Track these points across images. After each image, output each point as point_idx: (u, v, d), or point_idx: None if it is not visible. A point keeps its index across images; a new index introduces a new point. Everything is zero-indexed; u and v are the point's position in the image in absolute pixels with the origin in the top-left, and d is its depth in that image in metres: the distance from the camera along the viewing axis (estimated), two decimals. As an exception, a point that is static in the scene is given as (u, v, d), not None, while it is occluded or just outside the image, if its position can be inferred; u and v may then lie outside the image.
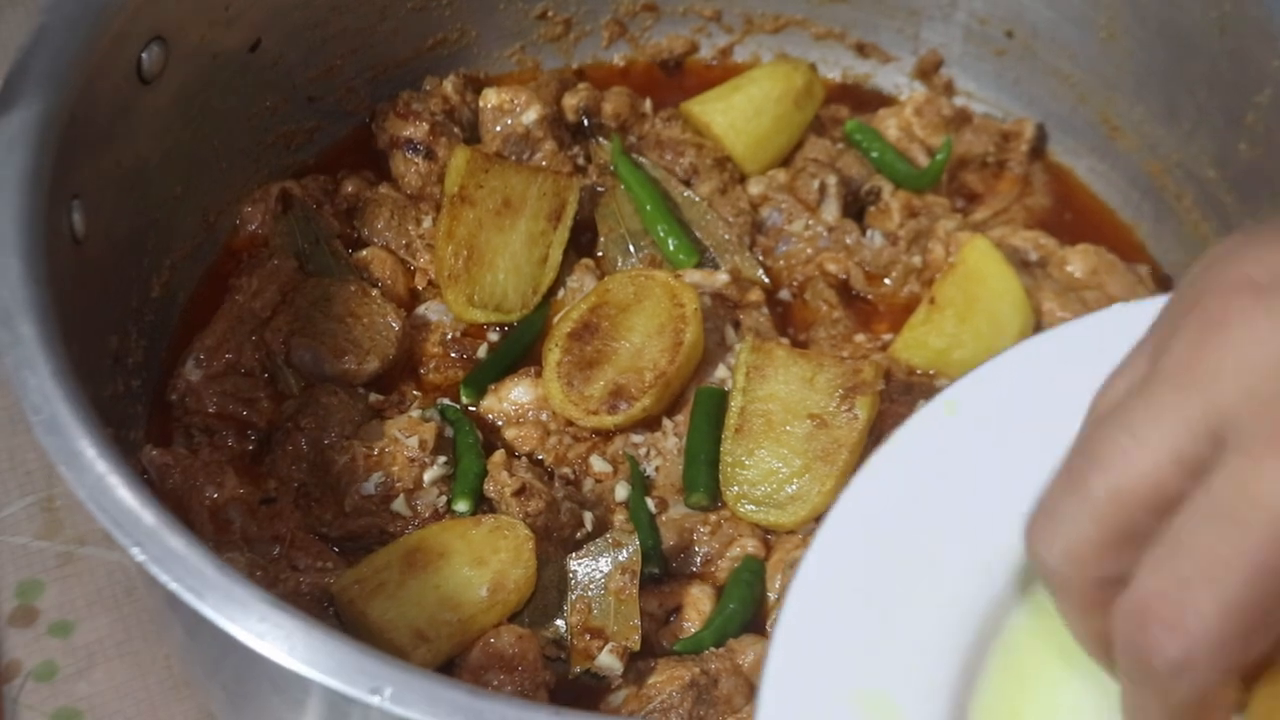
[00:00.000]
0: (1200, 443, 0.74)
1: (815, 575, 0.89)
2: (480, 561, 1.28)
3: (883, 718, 0.84)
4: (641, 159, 1.61)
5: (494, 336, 1.51)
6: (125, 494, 1.05)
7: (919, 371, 1.47)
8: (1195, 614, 0.72)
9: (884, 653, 0.86)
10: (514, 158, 1.59)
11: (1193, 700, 0.74)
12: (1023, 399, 0.93)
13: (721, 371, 1.45)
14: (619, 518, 1.38)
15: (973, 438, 0.93)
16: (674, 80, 1.76)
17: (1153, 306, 0.94)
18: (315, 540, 1.35)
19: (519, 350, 1.49)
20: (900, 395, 1.43)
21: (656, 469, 1.41)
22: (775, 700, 0.85)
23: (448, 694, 0.97)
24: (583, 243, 1.57)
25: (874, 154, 1.63)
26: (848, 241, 1.57)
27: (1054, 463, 0.85)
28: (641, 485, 1.39)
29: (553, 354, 1.42)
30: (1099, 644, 0.82)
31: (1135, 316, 0.95)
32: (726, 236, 1.56)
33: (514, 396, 1.44)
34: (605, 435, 1.42)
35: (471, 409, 1.45)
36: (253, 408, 1.42)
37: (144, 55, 1.36)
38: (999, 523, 0.87)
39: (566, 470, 1.42)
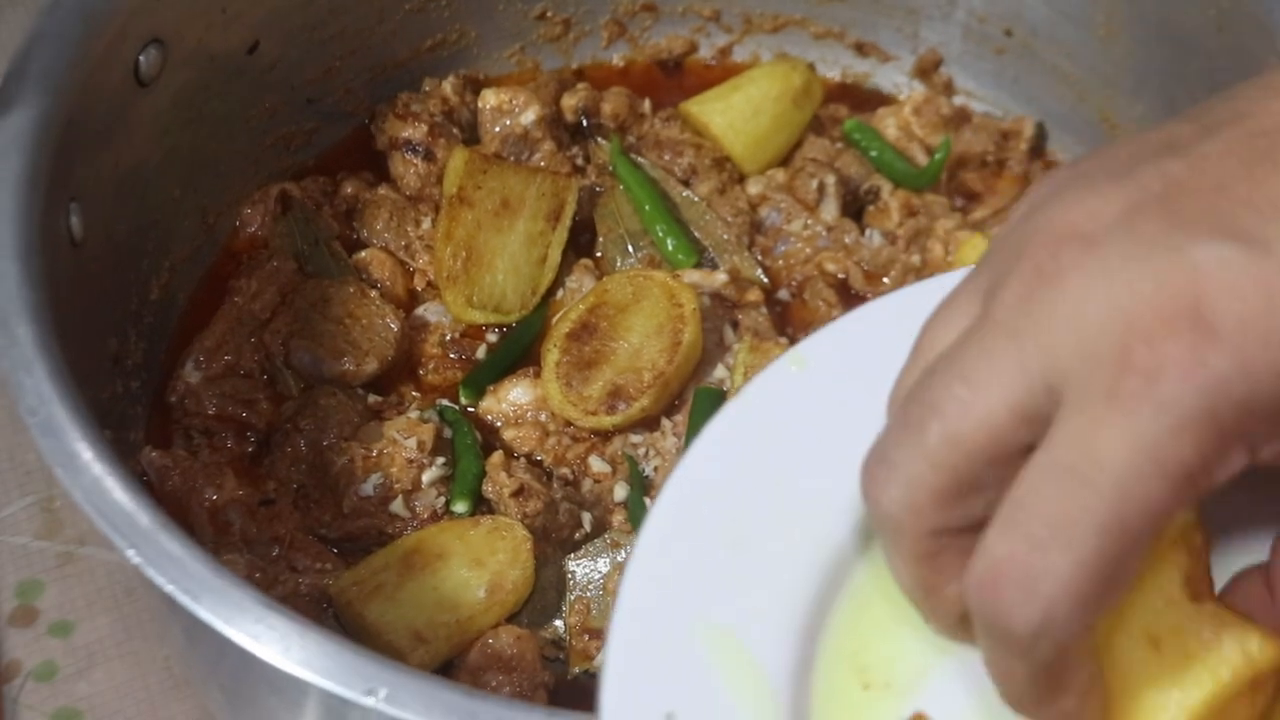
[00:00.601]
0: (1037, 396, 0.74)
1: (667, 514, 0.90)
2: (478, 563, 1.28)
3: (727, 653, 0.85)
4: (640, 159, 1.61)
5: (493, 337, 1.51)
6: (121, 496, 1.05)
7: (918, 370, 1.46)
8: (1050, 576, 0.72)
9: (732, 592, 0.87)
10: (513, 158, 1.59)
11: (1055, 657, 0.74)
12: (870, 355, 0.93)
13: (720, 372, 1.45)
14: (618, 518, 1.38)
15: (820, 392, 0.94)
16: (673, 80, 1.76)
17: None
18: (314, 541, 1.35)
19: (518, 351, 1.49)
20: (899, 394, 1.42)
21: (655, 469, 1.41)
22: (622, 631, 0.86)
23: (443, 695, 0.97)
24: (582, 243, 1.57)
25: (873, 153, 1.63)
26: (846, 241, 1.57)
27: None
28: (640, 486, 1.39)
29: (551, 354, 1.42)
30: (927, 596, 0.82)
31: None
32: (725, 236, 1.56)
33: (513, 397, 1.45)
34: (604, 436, 1.42)
35: (470, 410, 1.45)
36: (252, 409, 1.42)
37: (141, 58, 1.36)
38: (845, 475, 0.87)
39: (565, 471, 1.42)
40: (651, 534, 0.90)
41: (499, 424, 1.44)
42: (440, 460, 1.37)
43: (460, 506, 1.35)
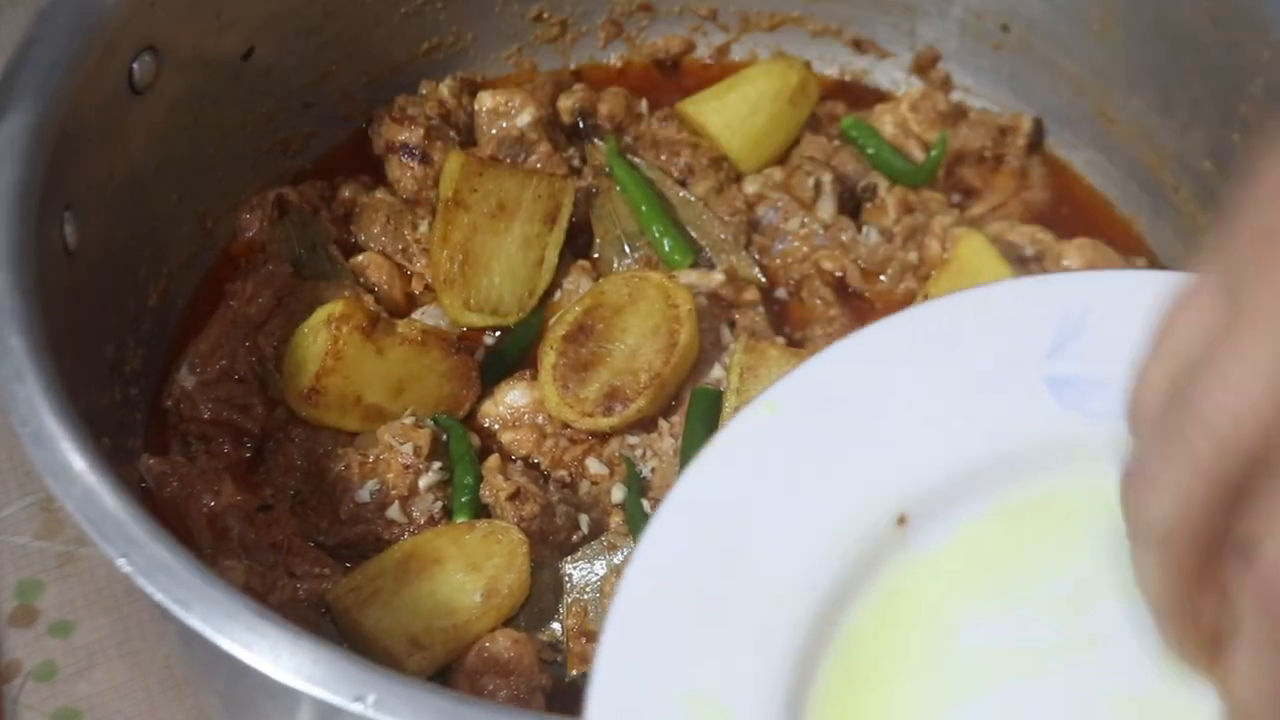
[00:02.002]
0: None
1: (641, 576, 0.90)
2: (474, 567, 1.28)
3: (711, 718, 0.84)
4: (637, 159, 1.61)
5: (490, 340, 1.51)
6: (113, 505, 1.05)
7: (915, 369, 1.47)
8: None
9: (712, 653, 0.87)
10: (509, 160, 1.59)
11: None
12: (841, 396, 0.93)
13: (717, 372, 1.45)
14: (615, 520, 1.38)
15: (794, 437, 0.93)
16: (671, 80, 1.76)
17: (964, 301, 0.94)
18: (312, 547, 1.35)
19: (516, 353, 1.49)
20: (896, 393, 1.42)
21: (653, 470, 1.41)
22: (602, 701, 0.85)
23: (431, 700, 0.97)
24: (579, 244, 1.57)
25: (870, 150, 1.62)
26: (844, 239, 1.57)
27: (874, 459, 0.85)
28: (638, 487, 1.39)
29: (548, 357, 1.43)
30: (1184, 618, 0.79)
31: (948, 311, 0.96)
32: (722, 236, 1.56)
33: (510, 400, 1.45)
34: (601, 437, 1.43)
35: (468, 414, 1.45)
36: (247, 414, 1.42)
37: (135, 65, 1.36)
38: (823, 522, 0.87)
39: (562, 473, 1.42)
40: (628, 597, 0.88)
41: (496, 427, 1.44)
42: (436, 465, 1.37)
43: (463, 519, 1.35)
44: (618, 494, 1.39)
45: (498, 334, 1.51)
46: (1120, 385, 0.85)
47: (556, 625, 1.31)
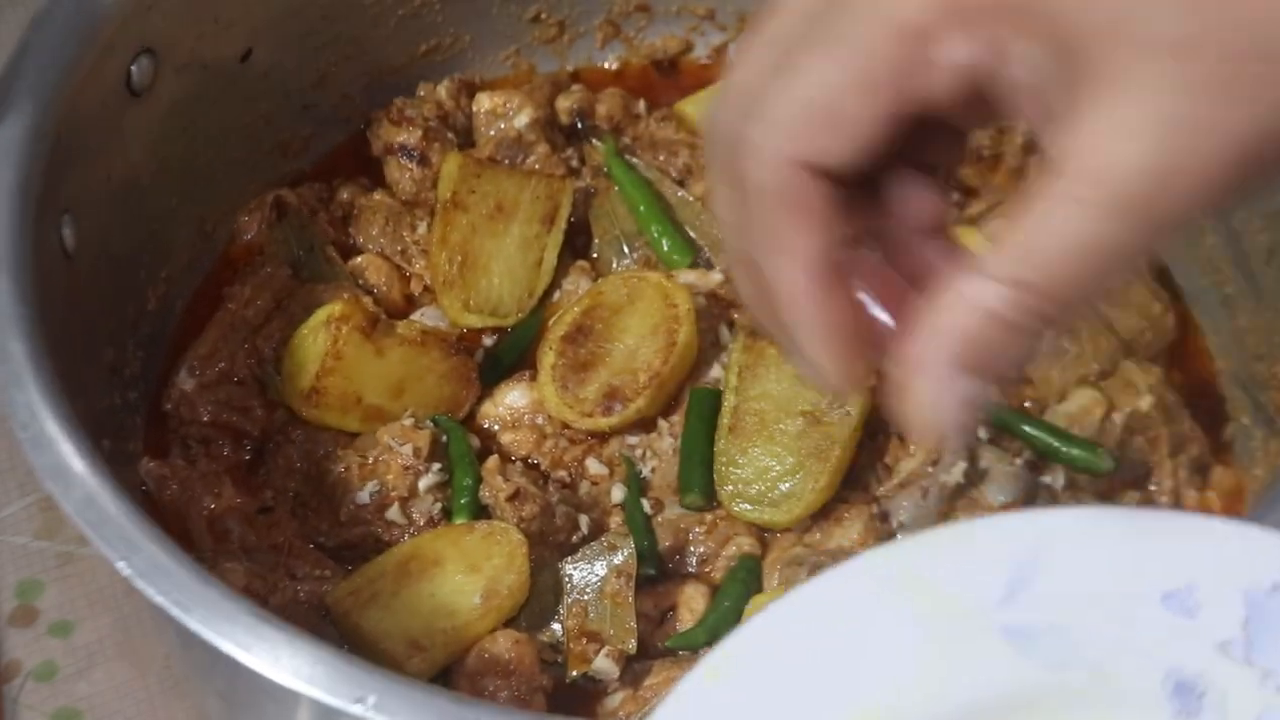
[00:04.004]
0: None
1: None
2: (473, 568, 1.28)
3: None
4: (635, 160, 1.61)
5: (489, 341, 1.51)
6: (113, 508, 1.05)
7: (914, 367, 1.46)
8: None
9: None
10: (507, 161, 1.59)
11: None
12: (787, 658, 0.91)
13: (716, 371, 1.45)
14: (615, 520, 1.38)
15: (738, 705, 0.90)
16: (669, 81, 1.76)
17: (913, 549, 0.93)
18: (313, 549, 1.35)
19: (515, 354, 1.49)
20: (895, 391, 1.42)
21: (653, 470, 1.41)
22: None
23: (432, 701, 0.97)
24: (578, 245, 1.57)
25: (868, 150, 1.62)
26: (842, 238, 1.56)
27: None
28: (638, 487, 1.39)
29: (547, 357, 1.43)
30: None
31: (897, 559, 0.94)
32: (721, 236, 1.56)
33: (509, 401, 1.45)
34: (601, 437, 1.43)
35: (467, 415, 1.45)
36: (246, 416, 1.42)
37: (133, 68, 1.36)
38: None
39: (562, 473, 1.42)
40: None
41: (496, 428, 1.44)
42: (436, 466, 1.37)
43: (461, 520, 1.35)
44: (617, 494, 1.39)
45: (496, 335, 1.51)
46: (1079, 630, 0.87)
47: (557, 626, 1.31)
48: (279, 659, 0.99)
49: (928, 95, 0.78)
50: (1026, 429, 1.38)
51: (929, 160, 0.87)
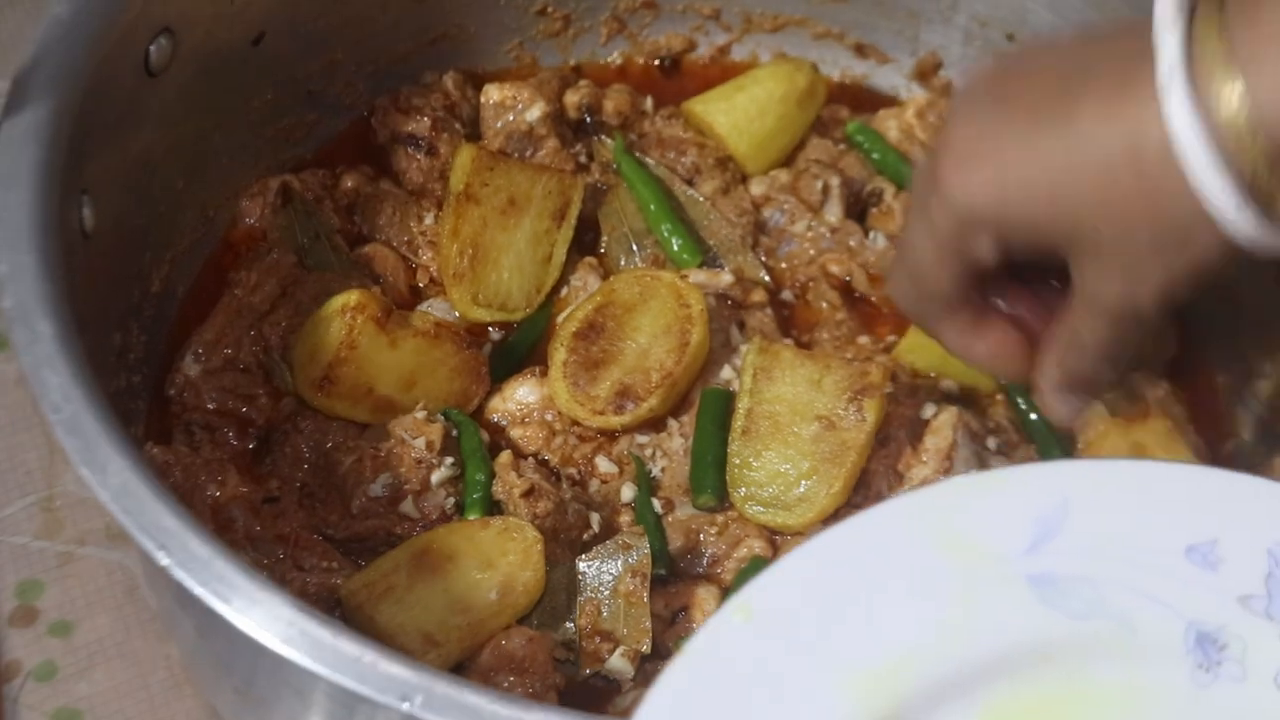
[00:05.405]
0: None
1: None
2: (489, 564, 1.27)
3: None
4: (644, 158, 1.61)
5: (495, 336, 1.50)
6: (147, 496, 1.04)
7: (923, 374, 1.47)
8: None
9: None
10: (516, 155, 1.58)
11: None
12: (816, 599, 0.92)
13: (726, 372, 1.45)
14: (625, 519, 1.38)
15: (768, 643, 0.92)
16: (671, 80, 1.76)
17: (941, 495, 0.94)
18: (320, 541, 1.34)
19: (521, 350, 1.48)
20: (906, 398, 1.43)
21: (662, 470, 1.41)
22: None
23: (479, 703, 0.97)
24: (585, 241, 1.56)
25: (875, 155, 1.63)
26: (850, 243, 1.57)
27: (853, 662, 0.88)
28: (647, 486, 1.39)
29: (559, 353, 1.42)
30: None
31: (925, 506, 0.95)
32: (730, 236, 1.56)
33: (519, 396, 1.44)
34: (611, 436, 1.42)
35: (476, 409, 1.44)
36: (252, 404, 1.41)
37: (152, 48, 1.35)
38: None
39: (572, 471, 1.41)
40: None
41: (505, 423, 1.44)
42: (449, 460, 1.36)
43: (474, 516, 1.34)
44: (627, 493, 1.39)
45: (502, 330, 1.50)
46: (1103, 581, 0.89)
47: (570, 624, 1.31)
48: (321, 653, 0.98)
49: (980, 259, 1.18)
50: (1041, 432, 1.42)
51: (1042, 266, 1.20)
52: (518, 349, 1.48)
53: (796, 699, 0.89)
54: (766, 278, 1.56)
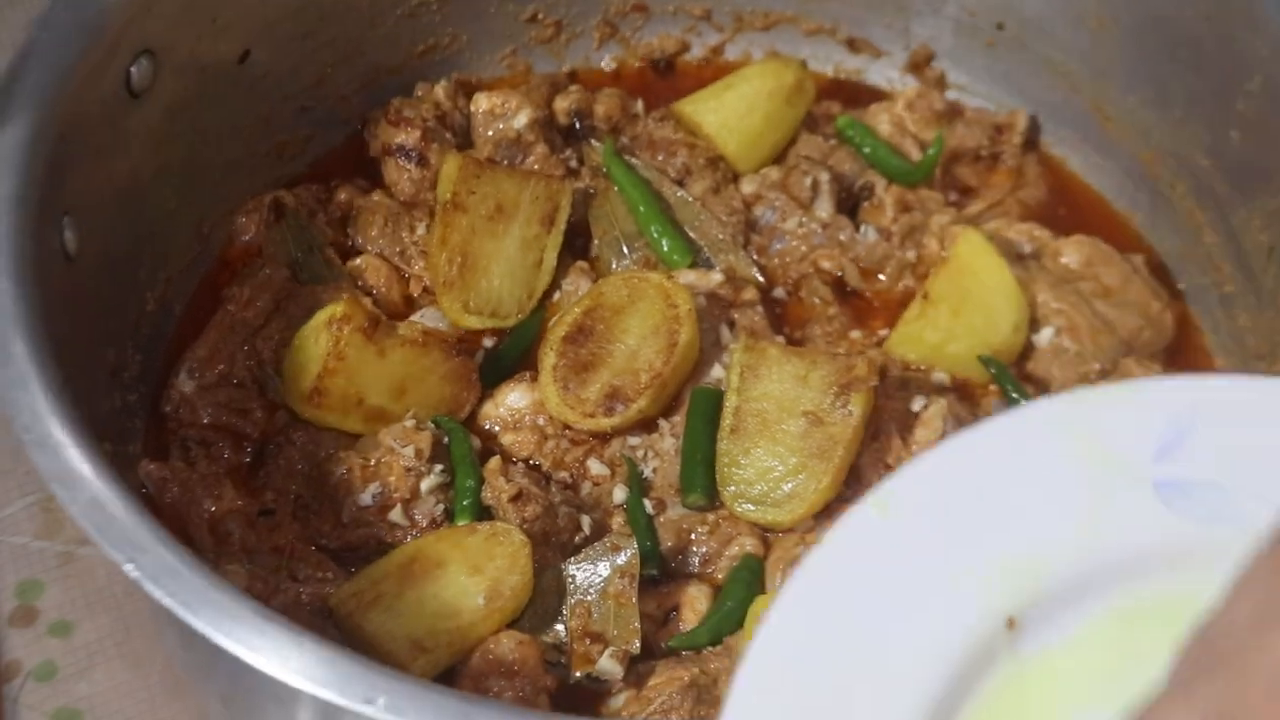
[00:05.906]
0: None
1: (753, 677, 0.90)
2: (476, 569, 1.28)
3: None
4: (634, 160, 1.61)
5: (489, 342, 1.51)
6: (119, 510, 1.05)
7: (914, 366, 1.47)
8: None
9: None
10: (506, 162, 1.59)
11: None
12: (949, 498, 0.94)
13: (718, 371, 1.45)
14: (617, 521, 1.38)
15: (902, 539, 0.94)
16: (665, 82, 1.76)
17: (1070, 403, 0.95)
18: (314, 551, 1.35)
19: (515, 355, 1.49)
20: (896, 391, 1.43)
21: (654, 470, 1.41)
22: None
23: (444, 702, 0.97)
24: (577, 246, 1.57)
25: (866, 149, 1.62)
26: (842, 238, 1.57)
27: (983, 561, 0.90)
28: (639, 487, 1.39)
29: (548, 358, 1.42)
30: None
31: (1054, 412, 0.96)
32: (720, 236, 1.56)
33: (510, 402, 1.45)
34: (602, 438, 1.43)
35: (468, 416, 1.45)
36: (246, 418, 1.42)
37: (133, 69, 1.37)
38: (932, 625, 0.88)
39: (564, 474, 1.42)
40: (739, 701, 0.88)
41: (497, 429, 1.44)
42: (438, 468, 1.36)
43: (464, 522, 1.34)
44: (619, 495, 1.39)
45: (495, 336, 1.51)
46: (1228, 488, 0.90)
47: (560, 627, 1.31)
48: (287, 660, 0.99)
49: None
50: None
51: None
52: (510, 355, 1.49)
53: (926, 592, 0.91)
54: (759, 275, 1.56)
